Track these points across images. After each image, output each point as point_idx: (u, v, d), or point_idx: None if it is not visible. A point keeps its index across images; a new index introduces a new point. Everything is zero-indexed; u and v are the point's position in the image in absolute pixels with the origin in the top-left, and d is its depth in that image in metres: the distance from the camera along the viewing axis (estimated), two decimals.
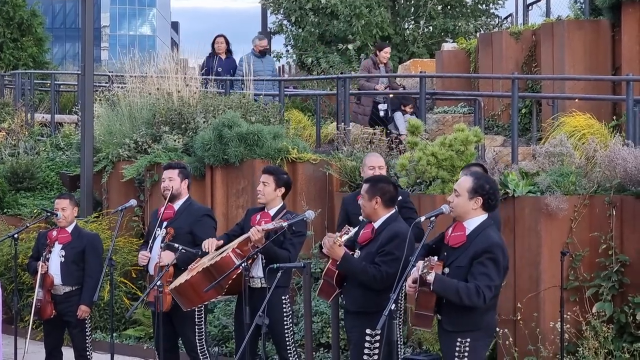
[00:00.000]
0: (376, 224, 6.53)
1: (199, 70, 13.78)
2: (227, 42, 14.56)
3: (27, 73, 18.49)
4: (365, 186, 6.65)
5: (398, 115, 12.95)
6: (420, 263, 5.59)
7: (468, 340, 5.63)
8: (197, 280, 6.97)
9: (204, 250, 7.21)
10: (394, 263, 6.23)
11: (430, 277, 5.50)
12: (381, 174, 7.90)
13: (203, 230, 7.58)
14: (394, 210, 6.64)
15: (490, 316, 5.77)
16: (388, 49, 14.03)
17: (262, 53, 14.31)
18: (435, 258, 5.66)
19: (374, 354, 6.40)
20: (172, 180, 7.82)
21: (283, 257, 6.96)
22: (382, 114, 13.27)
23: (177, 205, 7.83)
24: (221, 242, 7.26)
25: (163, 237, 7.64)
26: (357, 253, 6.50)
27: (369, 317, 6.26)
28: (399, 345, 7.84)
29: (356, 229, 6.65)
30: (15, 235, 8.56)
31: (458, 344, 5.64)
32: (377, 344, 6.38)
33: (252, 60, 13.75)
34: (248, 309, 6.60)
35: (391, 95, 13.47)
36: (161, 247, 7.55)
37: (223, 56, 14.31)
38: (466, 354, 5.64)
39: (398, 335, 7.70)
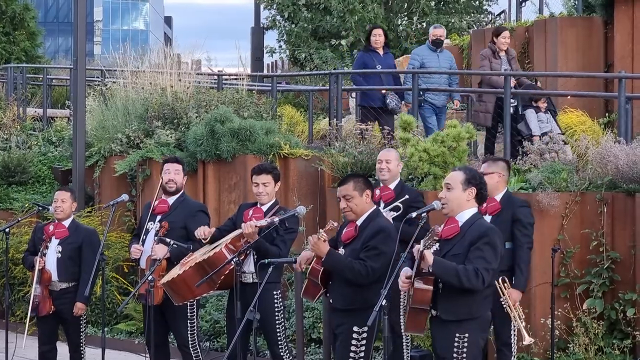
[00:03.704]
0: (359, 221, 6.45)
1: (353, 67, 12.37)
2: (386, 35, 12.33)
3: (20, 67, 18.45)
4: (348, 185, 6.43)
5: (530, 113, 10.95)
6: (421, 242, 5.54)
7: (466, 335, 5.63)
8: (189, 275, 6.97)
9: (197, 236, 7.22)
10: (379, 258, 6.22)
11: (430, 259, 5.47)
12: (390, 168, 7.91)
13: (197, 226, 7.58)
14: (375, 206, 6.63)
15: (485, 308, 5.79)
16: (506, 33, 11.78)
17: (437, 44, 12.14)
18: (440, 227, 5.62)
19: (361, 351, 6.37)
20: (177, 173, 7.85)
21: (273, 253, 6.95)
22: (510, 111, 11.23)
23: (171, 199, 7.83)
24: (213, 229, 7.27)
25: (157, 230, 7.64)
26: (341, 251, 6.48)
27: (358, 314, 6.24)
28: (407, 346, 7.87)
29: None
30: (7, 230, 8.53)
31: (457, 339, 5.63)
32: (364, 341, 6.36)
33: (425, 54, 12.12)
34: (239, 304, 6.60)
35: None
36: (154, 241, 7.55)
37: (381, 51, 12.14)
38: (465, 349, 5.63)
39: (405, 334, 7.69)
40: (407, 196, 7.65)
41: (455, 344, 5.63)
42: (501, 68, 11.49)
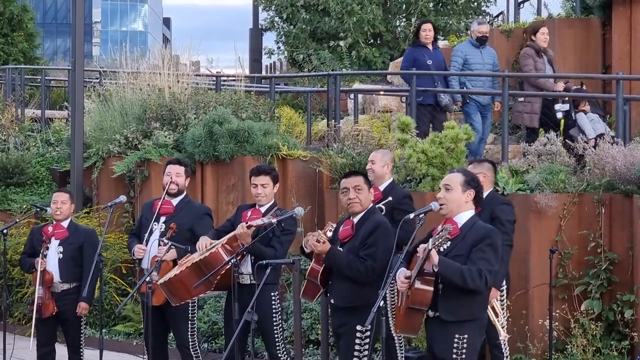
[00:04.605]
0: (355, 219, 6.54)
1: (402, 62, 11.89)
2: (435, 30, 11.92)
3: (18, 68, 18.41)
4: (360, 178, 6.61)
5: (582, 116, 10.64)
6: (429, 242, 5.53)
7: (466, 336, 5.64)
8: (186, 276, 6.98)
9: (198, 251, 7.20)
10: (378, 254, 6.28)
11: (435, 258, 5.47)
12: (373, 169, 7.95)
13: (204, 229, 7.57)
14: (372, 204, 6.67)
15: (483, 310, 5.83)
16: (544, 29, 11.26)
17: (481, 41, 11.64)
18: (450, 226, 5.63)
19: (365, 350, 6.40)
20: (179, 176, 7.83)
21: (269, 255, 6.95)
22: (559, 115, 10.77)
23: (174, 201, 7.83)
24: (214, 242, 7.27)
25: (162, 231, 7.63)
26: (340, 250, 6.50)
27: (358, 312, 6.27)
28: (400, 345, 7.87)
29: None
30: (5, 231, 8.53)
31: (456, 340, 5.64)
32: (367, 340, 6.39)
33: (469, 51, 11.60)
34: (237, 305, 6.61)
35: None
36: (163, 242, 7.53)
37: (430, 47, 11.70)
38: (464, 350, 5.64)
39: (397, 335, 7.70)
40: (390, 198, 7.65)
41: (455, 345, 5.64)
42: (545, 68, 11.11)
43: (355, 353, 6.42)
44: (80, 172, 11.83)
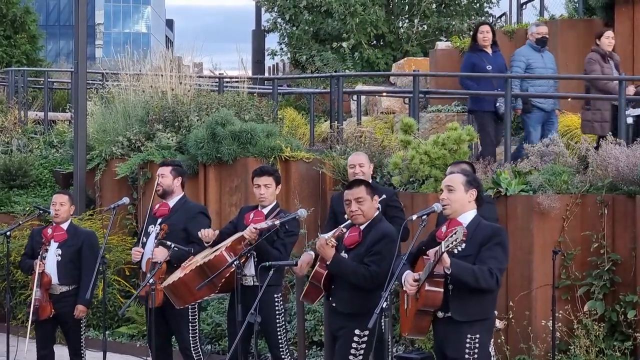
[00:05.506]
0: (362, 226, 6.50)
1: (461, 69, 11.52)
2: (493, 32, 11.27)
3: (21, 70, 18.43)
4: (361, 189, 6.49)
5: None
6: (442, 244, 5.51)
7: (477, 336, 5.67)
8: (190, 278, 6.99)
9: (200, 237, 7.23)
10: (383, 262, 6.25)
11: (448, 260, 5.47)
12: (363, 171, 7.92)
13: (197, 228, 7.58)
14: (378, 211, 6.64)
15: (493, 310, 5.86)
16: (609, 33, 10.77)
17: (542, 43, 11.07)
18: (463, 228, 5.55)
19: (359, 354, 6.39)
20: (163, 177, 7.85)
21: (274, 256, 6.97)
22: (630, 120, 10.05)
23: (171, 202, 7.85)
24: (217, 232, 7.27)
25: (157, 233, 7.65)
26: (345, 256, 6.49)
27: (359, 317, 6.27)
28: (389, 343, 7.87)
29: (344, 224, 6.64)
30: (8, 233, 8.54)
31: (468, 340, 5.66)
32: (364, 345, 6.38)
33: (531, 55, 11.01)
34: (240, 307, 6.62)
35: None
36: (155, 243, 7.56)
37: (489, 50, 11.15)
38: (476, 350, 5.67)
39: (389, 334, 7.71)
40: (384, 195, 7.64)
41: (467, 345, 5.67)
42: (612, 73, 10.70)
43: (350, 357, 6.41)
44: (83, 174, 11.86)
